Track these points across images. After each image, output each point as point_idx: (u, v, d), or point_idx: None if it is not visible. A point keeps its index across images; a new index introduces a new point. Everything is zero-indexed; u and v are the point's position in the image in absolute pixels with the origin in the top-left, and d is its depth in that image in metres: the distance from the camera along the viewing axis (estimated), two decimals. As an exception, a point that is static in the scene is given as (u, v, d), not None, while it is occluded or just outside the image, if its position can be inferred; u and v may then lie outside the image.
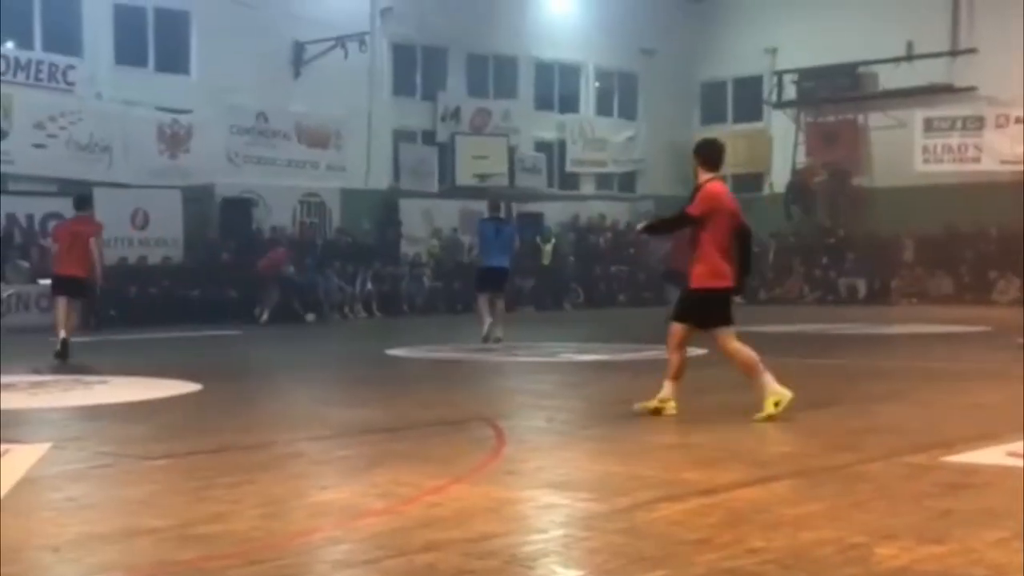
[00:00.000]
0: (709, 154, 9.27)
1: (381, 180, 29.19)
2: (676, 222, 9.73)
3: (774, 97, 34.40)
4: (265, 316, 23.48)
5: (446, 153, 30.45)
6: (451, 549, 4.75)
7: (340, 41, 27.34)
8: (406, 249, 28.68)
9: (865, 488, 6.08)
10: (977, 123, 30.22)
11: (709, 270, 8.82)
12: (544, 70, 33.15)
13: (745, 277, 9.29)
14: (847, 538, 4.86)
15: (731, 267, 8.88)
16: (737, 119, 35.60)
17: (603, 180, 34.55)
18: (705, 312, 8.82)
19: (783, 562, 4.52)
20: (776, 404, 8.41)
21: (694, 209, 8.94)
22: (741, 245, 9.08)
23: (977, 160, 30.13)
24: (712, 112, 36.02)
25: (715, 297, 8.84)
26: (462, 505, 5.65)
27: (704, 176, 9.12)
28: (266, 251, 24.63)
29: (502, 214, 20.80)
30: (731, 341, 8.79)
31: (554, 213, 32.51)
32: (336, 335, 21.52)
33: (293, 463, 7.02)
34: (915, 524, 5.14)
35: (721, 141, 9.74)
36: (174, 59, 26.08)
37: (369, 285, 25.91)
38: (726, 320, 8.82)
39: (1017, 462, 6.53)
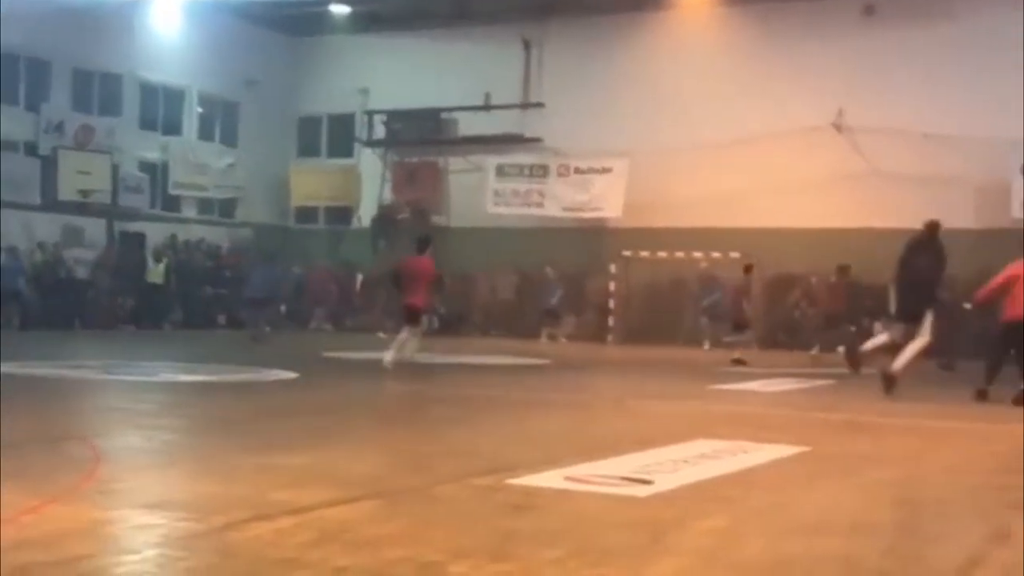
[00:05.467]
0: None
1: (-21, 189, 27.35)
2: None
3: (365, 136, 34.82)
4: None
5: (48, 166, 28.87)
6: (41, 572, 4.49)
7: (-61, 46, 25.48)
8: (7, 262, 26.52)
9: (439, 508, 6.20)
10: (542, 171, 31.59)
11: None
12: (149, 91, 32.12)
13: None
14: (424, 556, 4.92)
15: None
16: (331, 154, 35.82)
17: (204, 205, 33.80)
18: None
19: (365, 580, 4.56)
20: None
21: None
22: None
23: (541, 206, 31.50)
24: (308, 146, 36.11)
25: None
26: (55, 526, 5.32)
27: None
28: None
29: None
30: None
31: (155, 234, 31.42)
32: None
33: None
34: (484, 543, 5.27)
35: None
36: None
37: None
38: None
39: (574, 486, 6.82)
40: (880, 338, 14.86)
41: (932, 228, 14.94)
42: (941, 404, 13.87)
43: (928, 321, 14.45)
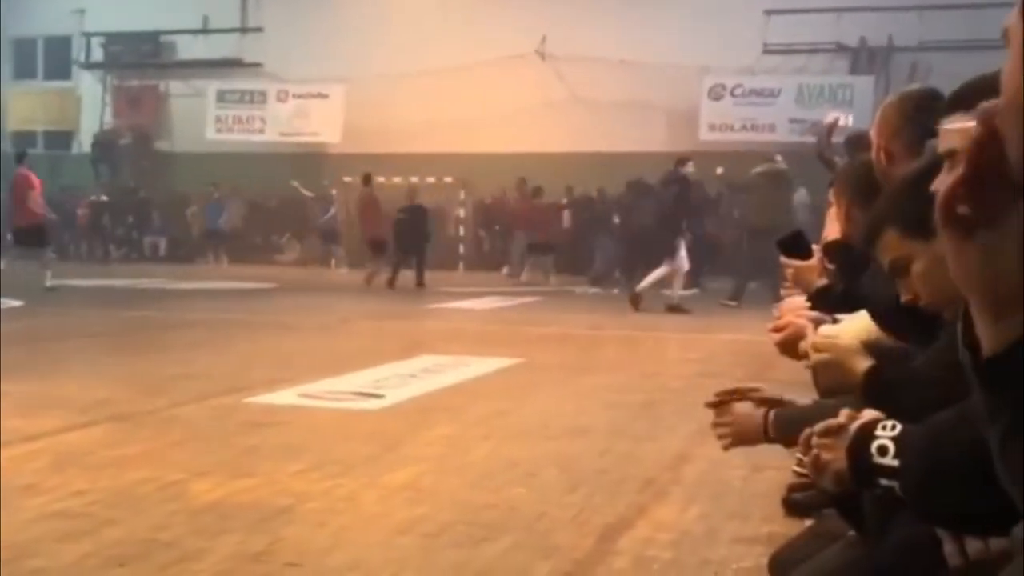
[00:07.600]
0: None
1: None
2: None
3: (83, 58, 33.04)
4: None
5: None
6: None
7: None
8: None
9: (179, 429, 6.08)
10: (262, 97, 30.82)
11: None
12: None
13: None
14: (166, 476, 4.84)
15: None
16: (47, 77, 33.79)
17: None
18: None
19: (108, 502, 4.43)
20: None
21: None
22: None
23: (262, 132, 30.77)
24: (24, 68, 33.93)
25: None
26: None
27: None
28: None
29: None
30: None
31: None
32: None
33: None
34: (226, 460, 5.22)
35: None
36: None
37: None
38: None
39: (309, 402, 6.85)
40: (658, 273, 15.21)
41: (680, 163, 15.41)
42: (642, 316, 14.44)
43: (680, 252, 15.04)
